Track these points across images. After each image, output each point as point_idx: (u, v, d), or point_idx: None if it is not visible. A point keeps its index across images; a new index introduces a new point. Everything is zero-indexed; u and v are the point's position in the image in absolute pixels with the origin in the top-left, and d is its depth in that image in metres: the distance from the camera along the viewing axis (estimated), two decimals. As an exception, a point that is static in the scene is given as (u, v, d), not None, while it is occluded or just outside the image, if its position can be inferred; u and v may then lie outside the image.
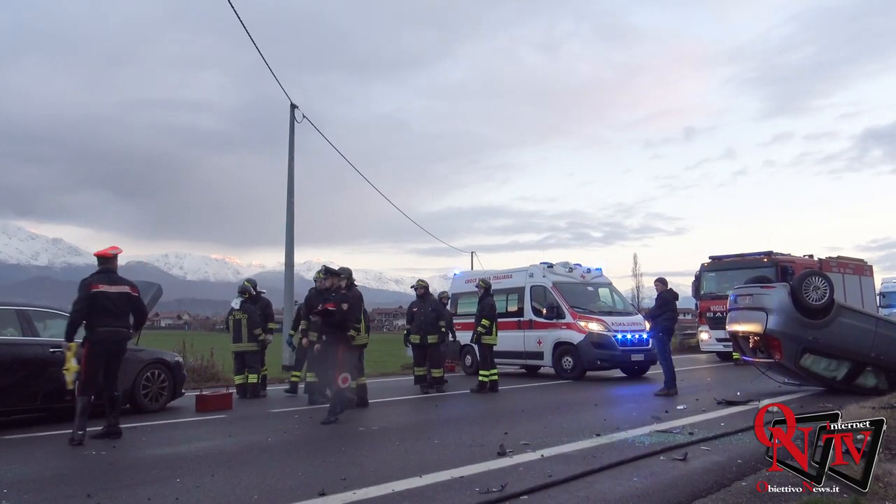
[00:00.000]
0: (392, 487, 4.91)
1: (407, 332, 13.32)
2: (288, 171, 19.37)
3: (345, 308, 8.93)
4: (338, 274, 9.50)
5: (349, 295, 9.21)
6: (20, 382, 8.40)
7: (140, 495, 4.86)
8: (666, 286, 12.23)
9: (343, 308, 8.92)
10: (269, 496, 4.73)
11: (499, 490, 4.75)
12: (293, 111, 19.33)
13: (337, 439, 7.50)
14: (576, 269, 16.69)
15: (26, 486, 5.28)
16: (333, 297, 9.16)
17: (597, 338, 14.77)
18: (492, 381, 12.53)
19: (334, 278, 9.48)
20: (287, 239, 19.23)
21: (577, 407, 10.13)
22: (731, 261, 20.59)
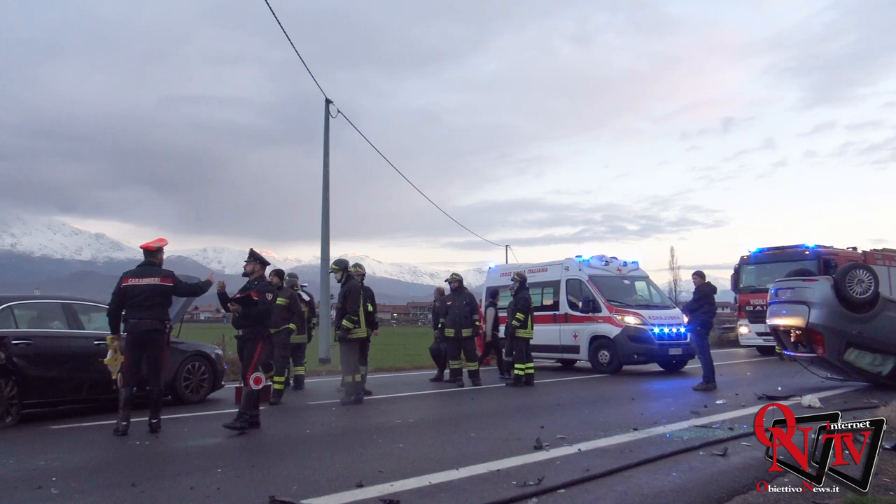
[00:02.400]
0: (429, 480, 4.94)
1: (441, 325, 13.33)
2: (323, 166, 19.53)
3: (268, 298, 8.04)
4: (261, 261, 8.38)
5: (272, 286, 8.49)
6: (67, 374, 8.61)
7: (183, 484, 4.96)
8: (704, 279, 12.07)
9: (266, 298, 7.99)
10: (309, 487, 4.79)
11: (536, 483, 4.74)
12: (328, 106, 19.47)
13: (373, 432, 7.56)
14: (612, 262, 16.55)
15: (73, 474, 5.42)
16: (256, 286, 8.08)
17: (633, 332, 14.64)
18: (527, 375, 12.51)
19: (255, 264, 8.32)
20: (323, 233, 19.41)
21: (614, 401, 10.06)
22: (771, 254, 20.22)
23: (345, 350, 10.23)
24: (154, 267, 7.83)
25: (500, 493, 4.55)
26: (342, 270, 10.53)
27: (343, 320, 10.06)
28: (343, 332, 10.08)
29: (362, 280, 11.04)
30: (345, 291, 10.28)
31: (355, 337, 10.20)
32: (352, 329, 10.08)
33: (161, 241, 8.03)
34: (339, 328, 10.19)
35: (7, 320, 8.33)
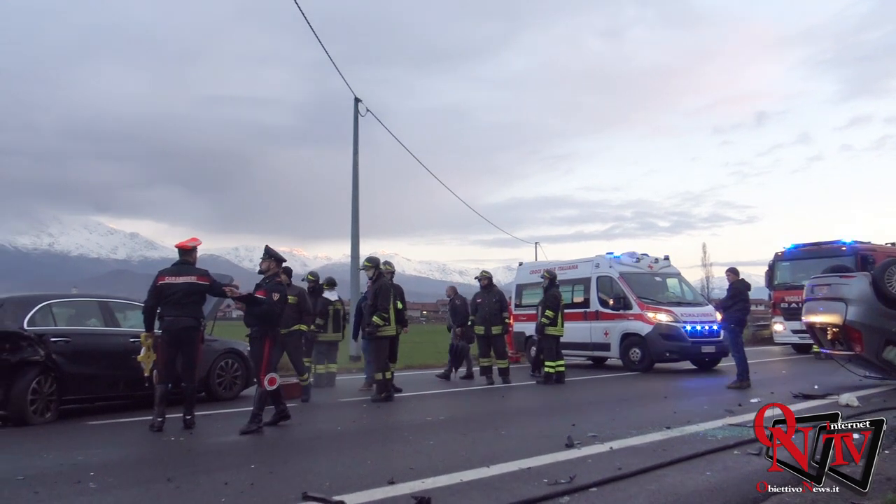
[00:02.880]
0: (460, 477, 4.93)
1: (471, 322, 13.32)
2: (353, 164, 19.63)
3: (275, 298, 7.73)
4: (276, 258, 8.13)
5: (283, 286, 8.20)
6: (103, 371, 8.78)
7: (217, 480, 5.02)
8: (738, 276, 11.89)
9: (273, 298, 7.71)
10: (341, 483, 4.82)
11: (567, 482, 4.72)
12: (357, 105, 19.56)
13: (404, 429, 7.59)
14: (643, 259, 16.40)
15: (111, 469, 5.52)
16: (266, 285, 7.85)
17: (665, 329, 14.49)
18: (558, 373, 12.45)
19: (270, 262, 8.06)
20: (353, 231, 19.51)
21: (646, 399, 9.97)
22: (806, 250, 19.87)
23: (375, 347, 10.28)
24: (190, 265, 7.94)
25: (531, 491, 4.53)
26: (374, 268, 10.58)
27: (374, 317, 10.10)
28: (373, 330, 10.12)
29: (391, 277, 11.08)
30: (376, 289, 10.32)
31: (385, 334, 10.24)
32: (382, 326, 10.13)
33: (195, 240, 8.13)
34: (369, 325, 10.23)
35: (46, 318, 8.51)
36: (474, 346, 13.69)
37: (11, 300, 8.59)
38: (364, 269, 10.91)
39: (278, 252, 8.17)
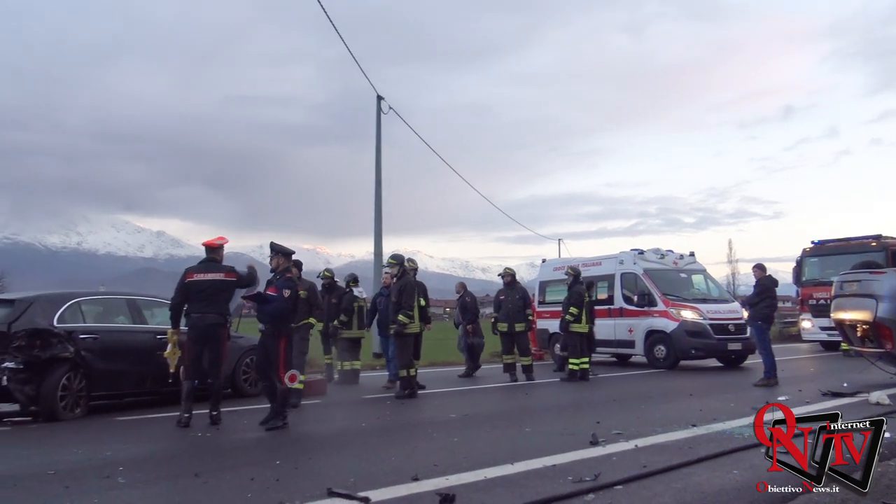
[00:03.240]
0: (484, 474, 4.93)
1: (494, 319, 13.31)
2: (375, 162, 19.67)
3: (286, 295, 7.56)
4: (284, 253, 7.97)
5: (293, 282, 8.00)
6: (131, 367, 8.90)
7: (243, 475, 5.07)
8: (765, 272, 11.75)
9: (284, 295, 7.54)
10: (365, 479, 4.83)
11: (592, 479, 4.69)
12: (379, 102, 19.59)
13: (428, 426, 7.60)
14: (668, 255, 16.25)
15: (139, 464, 5.59)
16: (277, 282, 7.73)
17: (691, 326, 14.36)
18: (582, 370, 12.39)
19: (279, 258, 7.89)
20: (375, 228, 19.55)
21: (672, 397, 9.89)
22: (835, 245, 19.57)
23: (399, 345, 10.30)
24: (216, 263, 8.03)
25: (556, 489, 4.51)
26: (398, 265, 10.60)
27: (399, 315, 10.12)
28: (399, 327, 10.14)
29: (415, 275, 11.10)
30: (400, 286, 10.34)
31: (410, 332, 10.26)
32: (407, 324, 10.15)
33: (222, 238, 8.21)
34: (394, 323, 10.25)
35: (75, 315, 8.65)
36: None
37: (42, 298, 8.73)
38: (388, 266, 10.93)
39: (285, 246, 8.05)
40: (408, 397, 9.84)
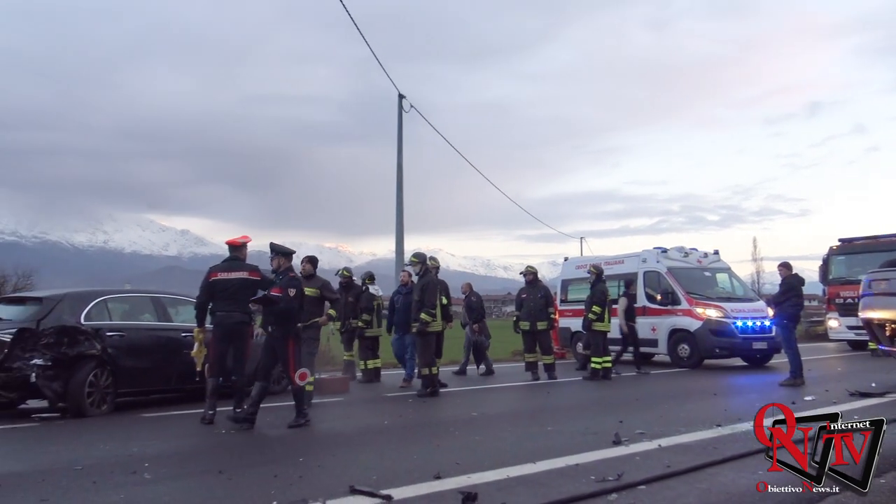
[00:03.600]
0: (507, 473, 4.91)
1: (516, 318, 13.27)
2: (397, 160, 19.70)
3: (291, 294, 7.50)
4: (284, 253, 7.92)
5: (297, 280, 7.89)
6: (156, 364, 9.00)
7: (267, 472, 5.10)
8: (791, 271, 11.59)
9: (289, 295, 7.49)
10: (388, 477, 4.84)
11: (615, 479, 4.66)
12: (401, 101, 19.62)
13: (450, 424, 7.60)
14: (691, 253, 16.11)
15: (164, 461, 5.66)
16: (280, 282, 7.67)
17: (715, 325, 14.21)
18: (605, 369, 12.33)
19: (279, 258, 7.86)
20: (397, 227, 19.59)
21: (695, 396, 9.80)
22: (863, 243, 19.26)
23: (421, 343, 10.32)
24: (240, 261, 8.09)
25: (578, 488, 4.49)
26: (421, 263, 10.62)
27: (421, 314, 10.13)
28: (421, 326, 10.15)
29: (436, 273, 11.11)
30: (423, 285, 10.36)
31: (432, 330, 10.27)
32: (430, 322, 10.16)
33: (245, 237, 8.26)
34: (416, 321, 10.26)
35: (102, 313, 8.76)
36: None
37: (69, 296, 8.86)
38: (410, 264, 10.95)
39: (285, 246, 8.01)
40: (430, 395, 9.86)
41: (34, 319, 8.27)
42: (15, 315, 8.70)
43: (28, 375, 7.83)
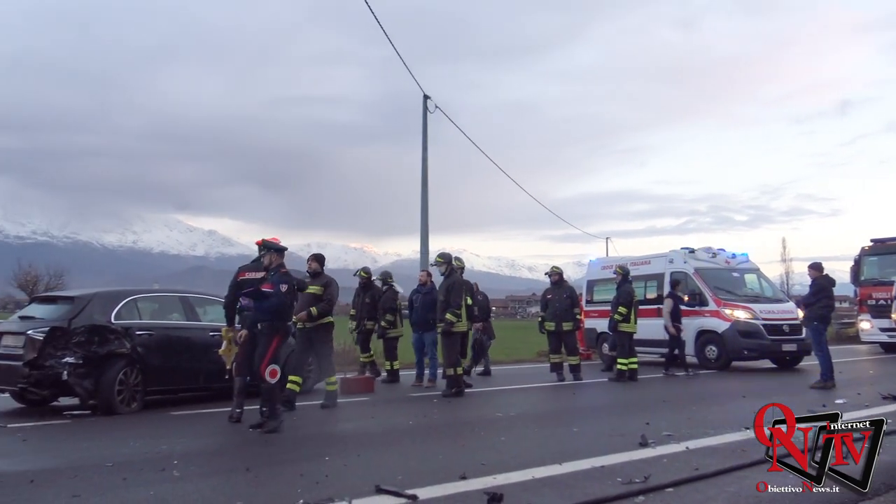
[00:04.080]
0: (532, 474, 4.90)
1: (541, 318, 13.19)
2: (422, 161, 19.72)
3: (283, 290, 7.32)
4: (277, 249, 7.76)
5: (289, 276, 7.63)
6: (185, 363, 9.10)
7: (293, 471, 5.14)
8: (821, 272, 11.41)
9: (281, 290, 7.32)
10: (413, 477, 4.85)
11: (642, 481, 4.62)
12: (426, 101, 19.63)
13: (475, 425, 7.59)
14: (719, 254, 15.94)
15: (192, 458, 5.72)
16: (272, 278, 7.51)
17: (743, 326, 14.04)
18: (631, 370, 12.23)
19: (271, 255, 7.71)
20: (422, 227, 19.61)
21: (723, 398, 9.69)
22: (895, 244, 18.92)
23: (446, 343, 10.32)
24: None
25: (605, 490, 4.46)
26: (446, 264, 10.62)
27: (447, 314, 10.14)
28: (447, 326, 10.16)
29: (461, 273, 11.10)
30: (448, 285, 10.36)
31: (458, 330, 10.27)
32: (455, 322, 10.16)
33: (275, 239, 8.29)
34: (442, 321, 10.27)
35: (131, 312, 8.89)
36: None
37: (100, 295, 9.00)
38: (436, 264, 10.96)
39: (277, 243, 7.88)
40: (454, 396, 9.85)
41: (66, 318, 8.41)
42: (47, 314, 8.87)
43: (60, 373, 7.97)
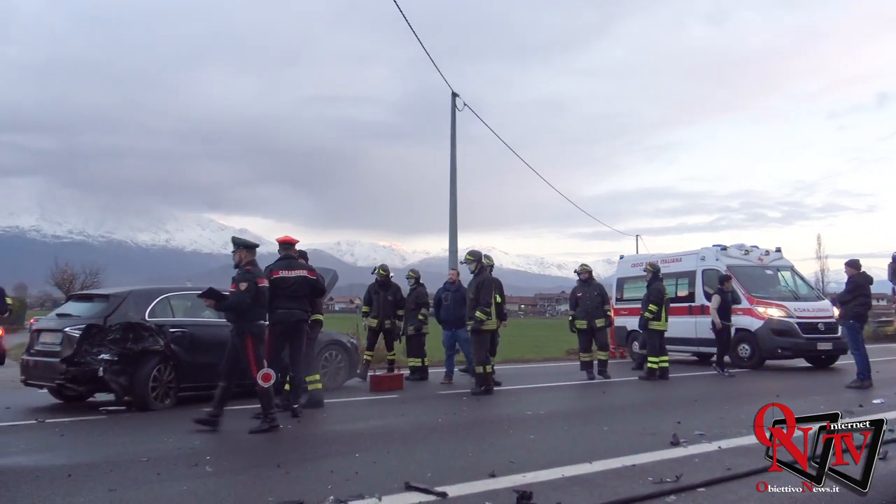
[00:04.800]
0: (562, 472, 4.88)
1: (572, 317, 13.08)
2: (450, 159, 19.72)
3: (242, 288, 7.06)
4: (246, 246, 7.51)
5: (251, 273, 7.25)
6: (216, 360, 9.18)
7: (323, 467, 5.18)
8: (858, 269, 11.20)
9: (241, 288, 7.07)
10: (442, 474, 4.86)
11: (673, 481, 4.57)
12: (454, 99, 19.63)
13: (504, 422, 7.57)
14: (752, 251, 15.72)
15: (224, 454, 5.80)
16: (236, 276, 7.31)
17: (777, 324, 13.83)
18: (661, 368, 12.12)
19: (240, 252, 7.45)
20: (451, 225, 19.62)
21: (756, 398, 9.54)
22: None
23: (476, 341, 10.31)
24: (296, 260, 8.25)
25: (635, 489, 4.43)
26: (476, 261, 10.61)
27: (476, 312, 10.13)
28: (476, 324, 10.15)
29: (490, 271, 11.09)
30: (478, 283, 10.35)
31: (487, 328, 10.26)
32: (485, 320, 10.15)
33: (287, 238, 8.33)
34: (471, 319, 10.26)
35: (165, 310, 9.03)
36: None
37: (134, 293, 9.15)
38: (466, 262, 10.96)
39: (246, 239, 7.69)
40: (483, 393, 9.85)
41: (101, 316, 8.58)
42: (83, 312, 9.04)
43: (96, 370, 8.12)
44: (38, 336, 9.11)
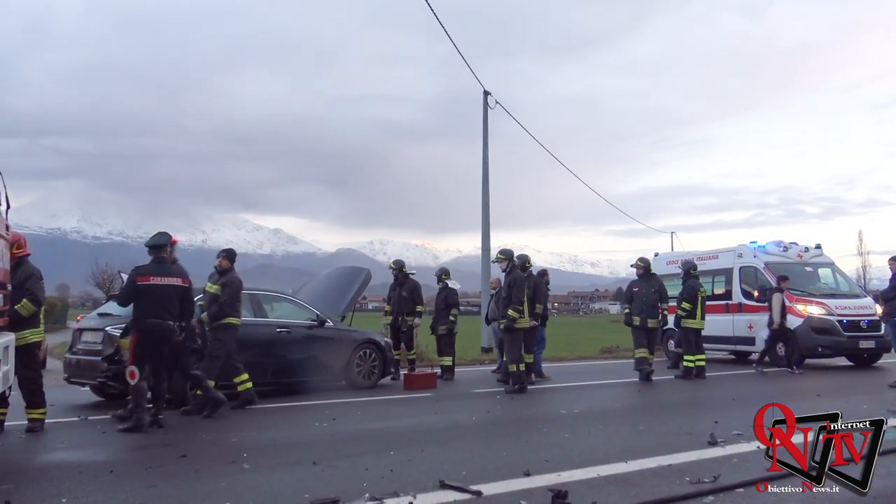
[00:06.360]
0: (597, 472, 4.85)
1: (628, 311, 12.33)
2: (482, 157, 19.71)
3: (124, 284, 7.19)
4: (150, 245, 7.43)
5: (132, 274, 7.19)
6: (253, 359, 9.31)
7: (358, 465, 5.22)
8: (902, 265, 10.94)
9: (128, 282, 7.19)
10: (477, 473, 4.86)
11: (711, 481, 4.52)
12: (486, 97, 19.61)
13: (538, 421, 7.55)
14: (791, 247, 15.42)
15: (261, 451, 5.86)
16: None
17: (817, 322, 13.54)
18: (698, 367, 11.94)
19: (149, 250, 7.40)
20: (483, 223, 19.60)
21: (796, 397, 9.38)
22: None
23: (509, 339, 10.28)
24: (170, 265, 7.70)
25: (672, 489, 4.38)
26: (507, 260, 10.58)
27: (509, 310, 10.10)
28: (509, 322, 10.11)
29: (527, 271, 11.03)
30: (510, 281, 10.32)
31: (520, 326, 10.22)
32: (517, 318, 10.11)
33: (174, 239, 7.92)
34: (504, 317, 10.23)
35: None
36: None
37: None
38: (497, 261, 10.91)
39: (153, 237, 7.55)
40: (518, 392, 9.82)
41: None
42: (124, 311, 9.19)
43: (135, 368, 8.25)
44: (81, 335, 9.31)
